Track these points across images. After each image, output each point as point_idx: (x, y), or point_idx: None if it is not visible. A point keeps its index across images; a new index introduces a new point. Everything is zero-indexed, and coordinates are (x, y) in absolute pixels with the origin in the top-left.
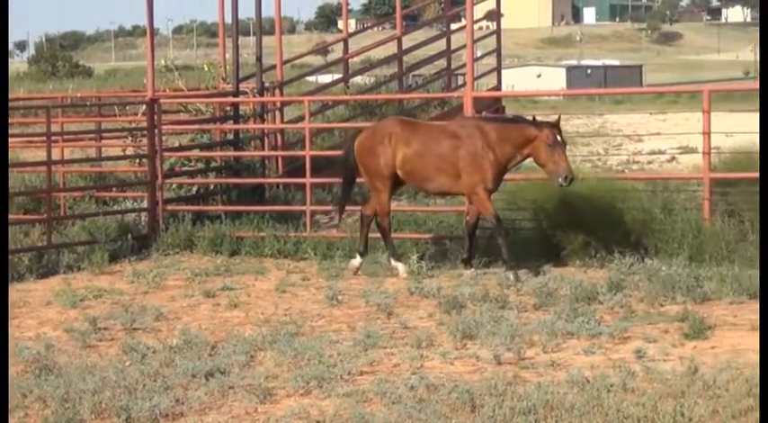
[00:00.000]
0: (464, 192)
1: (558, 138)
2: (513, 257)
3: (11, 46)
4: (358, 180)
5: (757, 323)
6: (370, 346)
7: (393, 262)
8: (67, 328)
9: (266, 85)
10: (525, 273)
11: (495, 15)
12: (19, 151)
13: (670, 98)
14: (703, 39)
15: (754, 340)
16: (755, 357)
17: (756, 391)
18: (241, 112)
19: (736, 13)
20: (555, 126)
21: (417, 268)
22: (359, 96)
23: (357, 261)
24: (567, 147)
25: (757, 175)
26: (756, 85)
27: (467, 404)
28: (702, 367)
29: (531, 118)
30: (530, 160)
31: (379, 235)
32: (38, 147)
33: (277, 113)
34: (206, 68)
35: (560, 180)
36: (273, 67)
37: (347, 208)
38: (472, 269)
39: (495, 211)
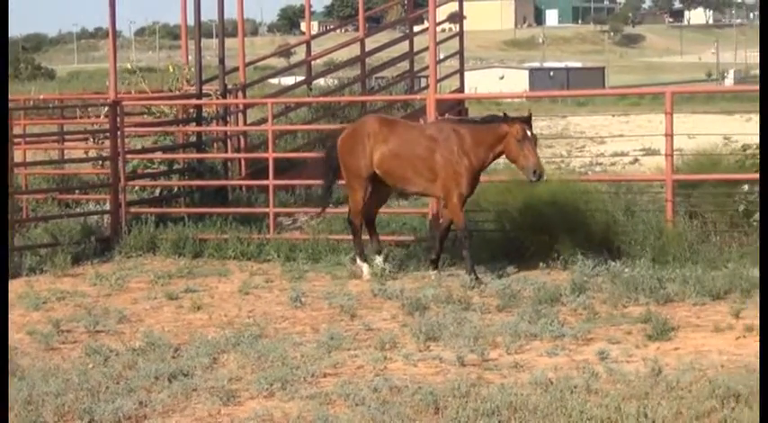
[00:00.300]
0: (439, 195)
1: (528, 133)
2: (474, 271)
3: None
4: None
5: (721, 324)
6: (334, 348)
7: (358, 262)
8: (30, 331)
9: (229, 87)
10: (488, 275)
11: (457, 17)
12: None
13: (633, 100)
14: (666, 41)
15: (717, 341)
16: (718, 358)
17: (720, 392)
18: (204, 115)
19: (698, 16)
20: (525, 121)
21: (381, 270)
22: (322, 98)
23: (379, 259)
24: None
25: (719, 176)
26: (719, 87)
27: (430, 406)
28: (666, 368)
29: (502, 114)
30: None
31: (340, 237)
32: None
33: (240, 115)
34: (171, 70)
35: (530, 175)
36: (236, 69)
37: (309, 210)
38: (436, 271)
39: (466, 223)
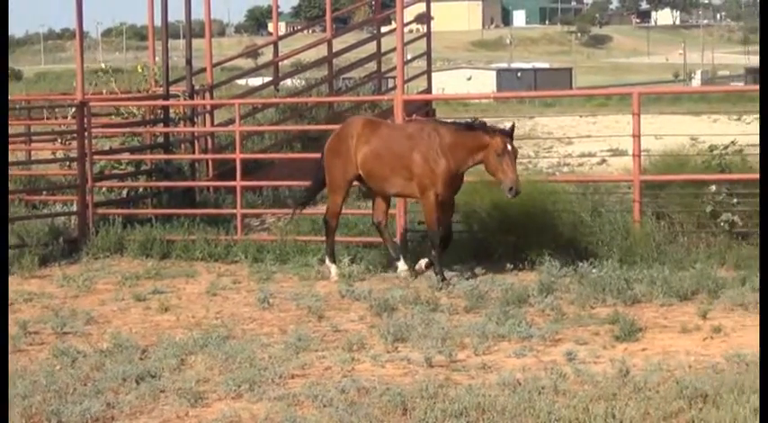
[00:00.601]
0: (417, 196)
1: (509, 147)
2: (443, 272)
3: None
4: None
5: (688, 325)
6: (302, 350)
7: (327, 262)
8: None
9: (196, 87)
10: (456, 276)
11: (425, 18)
12: None
13: (600, 101)
14: (633, 41)
15: (684, 342)
16: (686, 359)
17: (687, 393)
18: (171, 115)
19: (665, 16)
20: (507, 135)
21: (348, 271)
22: (289, 99)
23: (402, 266)
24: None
25: (686, 177)
26: (686, 88)
27: (398, 407)
28: (633, 369)
29: (484, 123)
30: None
31: (308, 238)
32: None
33: (207, 116)
34: (140, 70)
35: (507, 191)
36: (203, 69)
37: (277, 212)
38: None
39: (439, 223)
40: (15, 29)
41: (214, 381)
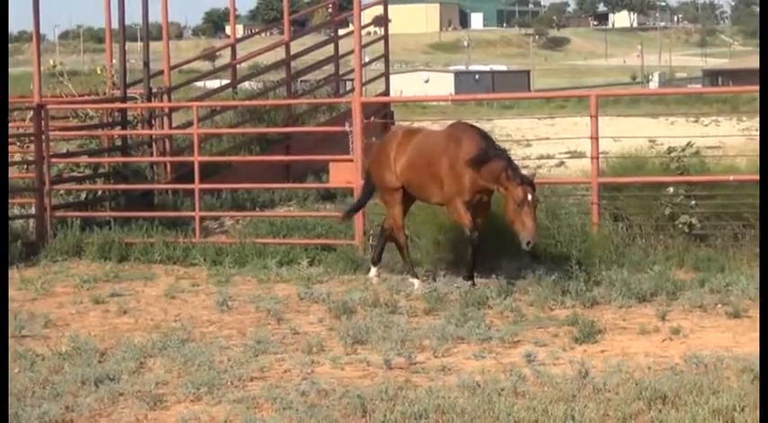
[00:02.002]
0: (443, 202)
1: (530, 197)
2: (473, 277)
3: None
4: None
5: (647, 326)
6: (261, 352)
7: (410, 279)
8: None
9: (154, 90)
10: (415, 279)
11: (382, 21)
12: None
13: (558, 103)
14: (590, 44)
15: (643, 343)
16: (645, 360)
17: (646, 394)
18: (129, 118)
19: (622, 18)
20: (529, 184)
21: (307, 274)
22: (247, 102)
23: (373, 272)
24: None
25: (644, 179)
26: (644, 90)
27: (358, 409)
28: (592, 371)
29: (505, 154)
30: None
31: (267, 241)
32: None
33: (165, 119)
34: (99, 72)
35: (524, 243)
36: (161, 72)
37: (235, 215)
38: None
39: (472, 222)
40: None
41: (173, 383)
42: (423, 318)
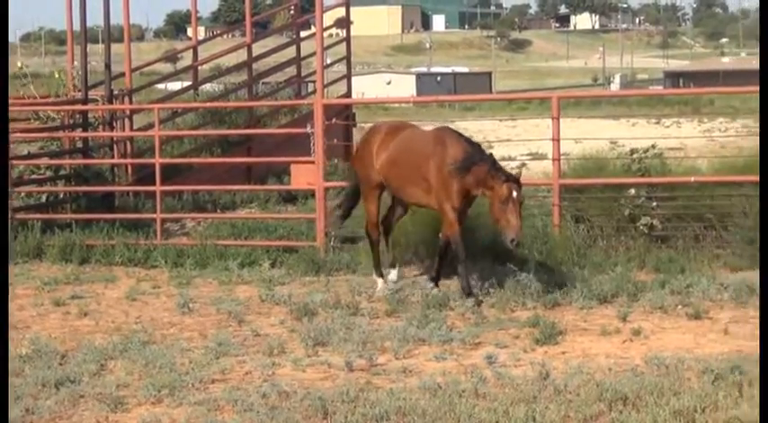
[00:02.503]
0: (435, 208)
1: (515, 194)
2: (470, 286)
3: None
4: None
5: (608, 328)
6: (222, 354)
7: (374, 276)
8: None
9: (115, 92)
10: (379, 280)
11: (344, 23)
12: None
13: (520, 105)
14: (552, 46)
15: (604, 345)
16: (606, 362)
17: (607, 395)
18: (90, 120)
19: (584, 20)
20: (515, 182)
21: (269, 275)
22: (208, 104)
23: (393, 273)
24: None
25: (605, 180)
26: (605, 91)
27: (319, 411)
28: (553, 372)
29: (491, 158)
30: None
31: (228, 242)
32: None
33: (126, 121)
34: (57, 75)
35: (507, 241)
36: (122, 74)
37: (197, 216)
38: (437, 288)
39: (460, 235)
40: None
41: (134, 386)
42: (384, 319)
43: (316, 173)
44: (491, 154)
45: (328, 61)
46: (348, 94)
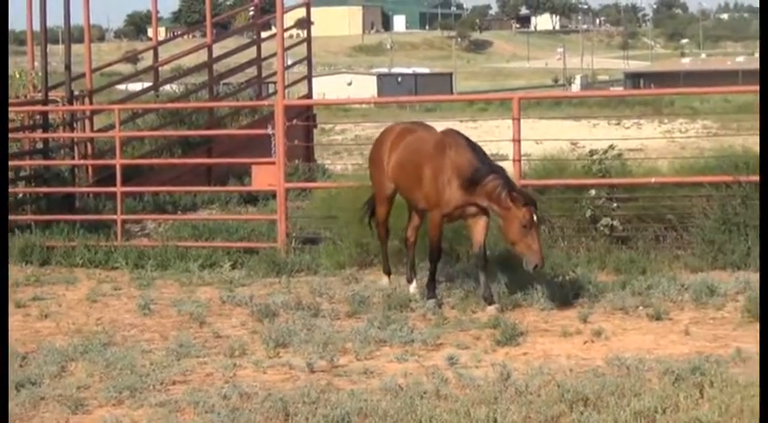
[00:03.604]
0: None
1: (535, 218)
2: (435, 288)
3: None
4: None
5: (569, 329)
6: (183, 356)
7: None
8: None
9: (75, 93)
10: (338, 282)
11: (305, 23)
12: None
13: (480, 106)
14: (513, 47)
15: (565, 346)
16: (567, 363)
17: (568, 396)
18: (50, 121)
19: (545, 21)
20: (533, 204)
21: (230, 277)
22: (169, 105)
23: (413, 289)
24: None
25: (566, 181)
26: (566, 92)
27: (280, 412)
28: (514, 373)
29: (501, 171)
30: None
31: (189, 244)
32: None
33: (87, 122)
34: (17, 76)
35: (530, 267)
36: (83, 75)
37: (158, 217)
38: (496, 305)
39: (441, 241)
40: None
41: (95, 387)
42: (345, 321)
43: (277, 174)
44: (499, 166)
45: (289, 62)
46: (309, 95)
